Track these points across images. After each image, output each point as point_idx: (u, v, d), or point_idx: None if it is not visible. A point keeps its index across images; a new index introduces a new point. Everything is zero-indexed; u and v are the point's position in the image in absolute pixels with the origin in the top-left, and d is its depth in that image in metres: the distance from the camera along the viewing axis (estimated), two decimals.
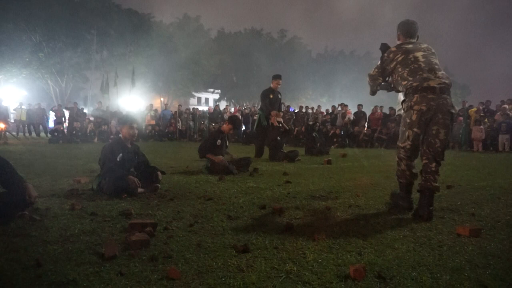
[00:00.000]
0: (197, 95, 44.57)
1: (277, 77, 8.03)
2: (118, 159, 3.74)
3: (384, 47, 3.34)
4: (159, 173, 3.94)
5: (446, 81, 2.98)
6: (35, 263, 1.78)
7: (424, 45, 3.22)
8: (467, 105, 14.07)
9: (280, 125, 7.83)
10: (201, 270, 1.77)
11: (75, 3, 29.88)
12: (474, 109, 13.39)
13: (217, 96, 42.92)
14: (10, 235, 2.24)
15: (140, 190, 3.60)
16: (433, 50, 3.21)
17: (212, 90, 43.54)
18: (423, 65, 3.03)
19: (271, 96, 7.95)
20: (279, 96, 8.12)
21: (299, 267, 1.83)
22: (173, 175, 4.97)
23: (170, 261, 1.87)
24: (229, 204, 3.23)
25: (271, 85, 8.08)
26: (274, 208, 2.95)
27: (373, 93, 3.59)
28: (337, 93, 41.31)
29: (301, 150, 9.06)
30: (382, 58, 3.31)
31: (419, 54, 3.10)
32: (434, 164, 2.98)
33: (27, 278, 1.64)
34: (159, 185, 3.87)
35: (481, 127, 12.43)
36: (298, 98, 39.27)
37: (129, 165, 3.89)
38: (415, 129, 3.00)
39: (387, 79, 3.37)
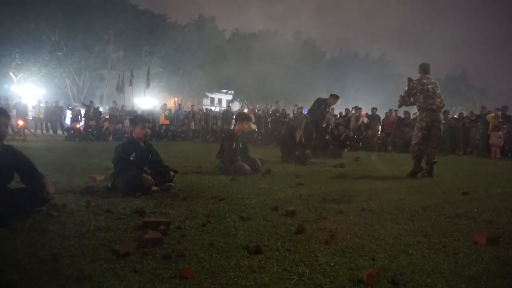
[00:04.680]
0: (211, 95, 44.80)
1: (335, 96, 8.81)
2: (131, 159, 3.80)
3: (410, 80, 5.84)
4: (172, 172, 3.98)
5: (440, 104, 5.61)
6: (52, 258, 1.82)
7: (433, 80, 5.70)
8: (486, 111, 13.73)
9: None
10: (214, 270, 1.78)
11: (93, 4, 30.49)
12: (492, 114, 13.05)
13: (230, 97, 43.02)
14: (28, 230, 2.30)
15: (153, 188, 3.64)
16: (437, 84, 5.71)
17: (225, 90, 43.64)
18: (431, 94, 5.57)
19: (323, 106, 8.78)
20: (327, 110, 9.17)
21: (311, 269, 1.82)
22: (186, 175, 5.01)
23: (183, 260, 1.89)
24: (242, 205, 3.23)
25: (328, 99, 8.81)
26: (287, 210, 2.94)
27: (400, 106, 6.43)
28: (351, 96, 40.89)
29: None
30: (408, 86, 5.79)
31: (430, 87, 5.59)
32: (433, 150, 5.67)
33: (44, 272, 1.68)
34: (172, 184, 3.91)
35: (500, 133, 12.12)
36: (311, 100, 38.94)
37: (143, 164, 3.93)
38: (424, 132, 5.62)
39: (411, 99, 5.84)
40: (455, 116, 15.14)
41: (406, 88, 5.83)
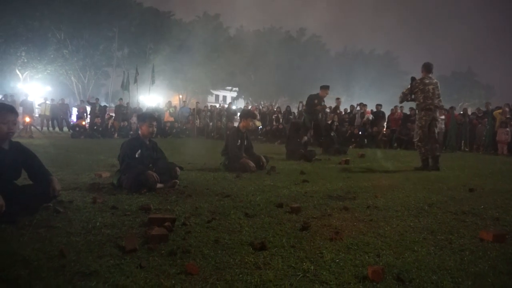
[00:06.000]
0: (215, 92, 44.82)
1: (325, 87, 9.07)
2: (137, 156, 3.82)
3: (413, 79, 6.23)
4: (177, 168, 3.99)
5: (437, 105, 6.04)
6: (59, 254, 1.84)
7: (434, 81, 6.07)
8: (491, 107, 13.58)
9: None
10: (219, 266, 1.79)
11: (97, 1, 30.55)
12: (500, 110, 12.89)
13: (234, 94, 43.01)
14: (36, 226, 2.32)
15: (159, 185, 3.66)
16: (438, 85, 6.09)
17: (230, 88, 43.64)
18: (431, 94, 5.98)
19: (316, 101, 8.99)
20: (323, 103, 9.29)
21: (316, 266, 1.83)
22: (191, 172, 5.02)
23: (188, 256, 1.90)
24: (246, 202, 3.24)
25: (319, 93, 9.08)
26: (291, 207, 2.94)
27: (401, 102, 6.83)
28: (356, 93, 40.72)
29: (318, 149, 9.01)
30: (411, 85, 6.17)
31: (430, 87, 5.99)
32: (435, 145, 6.09)
33: (51, 268, 1.70)
34: (177, 181, 3.92)
35: (507, 129, 11.98)
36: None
37: (148, 161, 3.95)
38: (424, 129, 6.06)
39: (412, 96, 6.19)
40: (461, 112, 14.96)
41: (409, 86, 6.24)
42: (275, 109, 18.37)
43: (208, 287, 1.59)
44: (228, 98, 48.43)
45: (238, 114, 18.00)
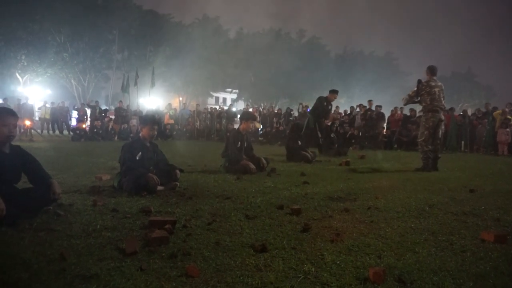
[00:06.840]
0: (215, 94, 44.83)
1: (334, 91, 9.38)
2: (137, 158, 3.82)
3: (419, 82, 6.36)
4: (177, 171, 3.99)
5: (443, 107, 6.29)
6: (59, 257, 1.84)
7: (439, 84, 6.28)
8: (491, 108, 13.58)
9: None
10: (220, 269, 1.79)
11: (97, 4, 30.62)
12: (500, 111, 12.90)
13: (234, 96, 43.01)
14: (36, 229, 2.32)
15: (159, 188, 3.65)
16: (442, 87, 6.31)
17: (230, 90, 43.64)
18: (437, 96, 6.17)
19: (325, 104, 9.24)
20: (330, 108, 9.51)
21: (317, 268, 1.82)
22: (191, 174, 5.02)
23: (189, 259, 1.90)
24: (247, 204, 3.23)
25: (328, 96, 9.30)
26: (292, 209, 2.93)
27: (406, 104, 7.27)
28: (356, 94, 40.71)
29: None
30: (418, 87, 6.31)
31: (436, 90, 6.19)
32: (438, 147, 6.26)
33: (52, 271, 1.69)
34: (178, 183, 3.92)
35: (508, 129, 11.98)
36: (316, 98, 38.79)
37: (148, 164, 3.95)
38: (430, 130, 6.22)
39: (418, 98, 6.33)
40: (461, 113, 14.96)
41: (415, 89, 6.38)
42: (275, 111, 18.39)
43: None
44: (228, 100, 48.41)
45: (238, 116, 18.00)
